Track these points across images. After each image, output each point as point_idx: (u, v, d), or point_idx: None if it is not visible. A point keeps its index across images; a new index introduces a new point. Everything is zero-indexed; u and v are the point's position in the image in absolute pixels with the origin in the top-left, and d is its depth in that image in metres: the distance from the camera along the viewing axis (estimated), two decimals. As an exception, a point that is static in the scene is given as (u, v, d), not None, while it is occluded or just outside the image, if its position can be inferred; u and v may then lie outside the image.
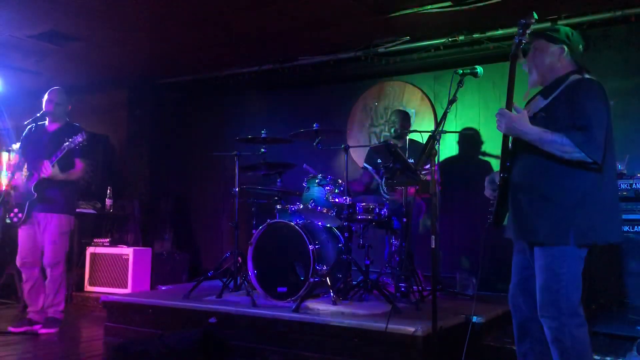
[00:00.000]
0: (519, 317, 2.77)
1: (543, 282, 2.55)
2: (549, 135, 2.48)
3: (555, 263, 2.52)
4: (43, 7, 4.91)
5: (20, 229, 4.76)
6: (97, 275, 6.15)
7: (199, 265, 7.10)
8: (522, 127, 2.54)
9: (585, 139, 2.43)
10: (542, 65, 2.69)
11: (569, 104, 2.53)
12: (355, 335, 3.56)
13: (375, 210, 4.44)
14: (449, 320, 3.64)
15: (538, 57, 2.70)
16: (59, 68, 6.70)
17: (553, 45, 2.68)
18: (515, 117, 2.55)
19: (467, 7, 4.72)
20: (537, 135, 2.51)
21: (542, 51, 2.69)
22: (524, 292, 2.73)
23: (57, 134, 4.77)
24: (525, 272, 2.72)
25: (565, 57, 2.67)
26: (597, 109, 2.50)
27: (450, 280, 5.04)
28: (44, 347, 4.36)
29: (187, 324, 4.19)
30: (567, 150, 2.45)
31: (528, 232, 2.62)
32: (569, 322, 2.50)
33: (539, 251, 2.58)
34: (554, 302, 2.51)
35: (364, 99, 6.42)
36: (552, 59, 2.68)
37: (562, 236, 2.50)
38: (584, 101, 2.50)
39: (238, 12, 5.02)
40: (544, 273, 2.55)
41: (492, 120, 4.58)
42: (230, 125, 7.07)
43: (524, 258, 2.72)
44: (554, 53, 2.67)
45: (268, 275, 4.48)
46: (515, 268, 2.79)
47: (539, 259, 2.58)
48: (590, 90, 2.54)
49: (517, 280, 2.77)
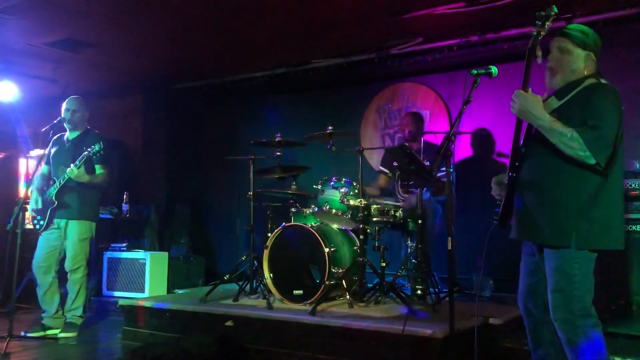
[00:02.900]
0: (531, 322, 2.75)
1: (554, 284, 2.52)
2: (559, 126, 2.46)
3: (566, 265, 2.49)
4: (59, 15, 4.97)
5: (40, 235, 4.84)
6: (115, 280, 6.19)
7: (215, 268, 7.12)
8: (535, 111, 2.50)
9: (594, 137, 2.41)
10: (568, 68, 2.64)
11: (582, 105, 2.51)
12: (371, 338, 3.55)
13: (391, 212, 4.43)
14: (465, 322, 3.62)
15: (565, 60, 2.64)
16: (75, 75, 6.76)
17: (581, 50, 2.63)
18: (531, 99, 2.52)
19: (481, 7, 4.70)
20: (548, 123, 2.48)
21: (570, 54, 2.64)
22: (533, 296, 2.71)
23: (78, 142, 4.89)
24: (535, 275, 2.70)
25: (591, 63, 2.64)
26: (610, 112, 2.48)
27: (466, 282, 5.01)
28: (63, 352, 4.40)
29: (204, 328, 4.21)
30: (574, 145, 2.42)
31: (531, 232, 2.60)
32: (583, 323, 2.47)
33: (549, 253, 2.56)
34: (566, 304, 2.49)
35: (377, 101, 6.41)
36: (579, 64, 2.63)
37: (564, 239, 2.48)
38: (598, 102, 2.49)
39: (251, 16, 5.04)
40: (555, 275, 2.53)
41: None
42: (244, 129, 7.10)
43: (533, 261, 2.70)
44: (581, 58, 2.63)
45: (284, 279, 4.48)
46: (524, 271, 2.77)
47: (550, 261, 2.56)
48: (605, 94, 2.53)
49: (527, 284, 2.75)
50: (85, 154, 4.58)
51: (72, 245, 4.77)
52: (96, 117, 5.51)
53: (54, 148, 4.99)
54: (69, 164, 4.67)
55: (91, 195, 4.89)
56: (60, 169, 4.77)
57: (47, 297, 4.80)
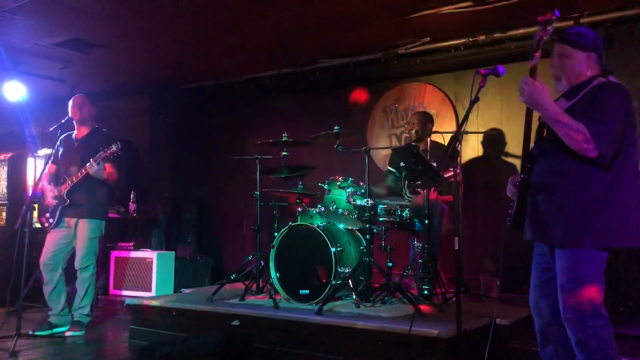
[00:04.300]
0: (541, 321, 2.73)
1: (565, 283, 2.51)
2: (566, 118, 2.45)
3: (577, 264, 2.49)
4: (67, 15, 4.99)
5: (48, 233, 4.86)
6: (122, 279, 6.22)
7: (221, 268, 7.14)
8: (544, 100, 2.49)
9: (600, 131, 2.41)
10: (570, 72, 2.65)
11: (590, 103, 2.51)
12: (378, 337, 3.55)
13: (397, 212, 4.42)
14: (472, 323, 3.61)
15: (566, 64, 2.65)
16: (82, 75, 6.79)
17: (581, 52, 2.63)
18: (539, 88, 2.50)
19: (488, 6, 4.68)
20: (555, 113, 2.47)
21: (569, 58, 2.64)
22: (544, 296, 2.69)
23: (87, 140, 4.92)
24: (545, 275, 2.69)
25: (593, 63, 2.63)
26: (617, 109, 2.48)
27: (473, 282, 4.99)
28: (70, 350, 4.42)
29: (211, 327, 4.22)
30: (579, 138, 2.41)
31: (545, 233, 2.59)
32: (593, 323, 2.46)
33: (560, 252, 2.55)
34: (576, 304, 2.48)
35: (384, 100, 6.40)
36: (580, 67, 2.63)
37: (578, 239, 2.47)
38: (605, 99, 2.49)
39: (259, 16, 5.05)
40: (565, 274, 2.52)
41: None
42: (251, 129, 7.11)
43: (545, 260, 2.69)
44: (582, 60, 2.63)
45: (290, 278, 4.48)
46: (535, 271, 2.76)
47: (560, 261, 2.55)
48: (613, 92, 2.53)
49: (537, 283, 2.73)
50: (101, 153, 4.58)
51: (83, 243, 4.79)
52: (104, 117, 5.54)
53: (62, 148, 5.01)
54: (79, 163, 4.68)
55: (101, 195, 4.91)
56: (70, 169, 4.79)
57: (54, 295, 4.82)
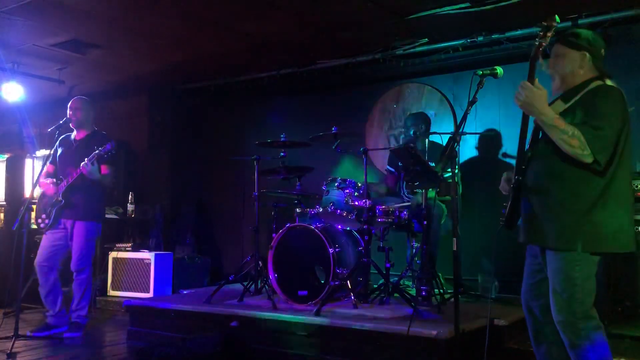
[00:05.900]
0: (533, 321, 2.75)
1: (556, 285, 2.52)
2: (562, 123, 2.44)
3: (568, 267, 2.49)
4: (65, 16, 4.98)
5: (44, 234, 4.85)
6: (120, 280, 6.22)
7: (220, 269, 7.14)
8: (540, 105, 2.48)
9: (596, 136, 2.41)
10: (564, 72, 2.65)
11: (586, 107, 2.51)
12: (377, 338, 3.55)
13: (395, 213, 4.43)
14: (470, 323, 3.61)
15: (559, 64, 2.66)
16: (81, 76, 6.79)
17: (574, 51, 2.63)
18: (537, 93, 2.49)
19: (486, 7, 4.69)
20: (551, 119, 2.46)
21: (563, 57, 2.65)
22: (536, 297, 2.71)
23: (85, 142, 4.90)
24: (537, 276, 2.70)
25: (587, 63, 2.63)
26: (612, 114, 2.47)
27: (472, 283, 5.00)
28: (68, 351, 4.41)
29: (209, 328, 4.22)
30: (574, 144, 2.41)
31: (538, 236, 2.59)
32: (584, 325, 2.47)
33: (551, 255, 2.56)
34: (567, 307, 2.49)
35: (382, 101, 6.40)
36: (573, 66, 2.63)
37: (570, 242, 2.47)
38: (601, 104, 2.49)
39: (257, 17, 5.05)
40: (557, 277, 2.52)
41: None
42: (249, 129, 7.11)
43: (536, 262, 2.70)
44: (575, 59, 2.63)
45: (288, 279, 4.48)
46: (527, 272, 2.77)
47: (552, 263, 2.55)
48: (609, 96, 2.52)
49: (530, 284, 2.75)
50: (96, 152, 4.58)
51: (79, 245, 4.77)
52: (102, 117, 5.53)
53: (61, 148, 5.00)
54: (78, 164, 4.67)
55: (97, 196, 4.89)
56: (67, 170, 4.78)
57: (50, 296, 4.79)
